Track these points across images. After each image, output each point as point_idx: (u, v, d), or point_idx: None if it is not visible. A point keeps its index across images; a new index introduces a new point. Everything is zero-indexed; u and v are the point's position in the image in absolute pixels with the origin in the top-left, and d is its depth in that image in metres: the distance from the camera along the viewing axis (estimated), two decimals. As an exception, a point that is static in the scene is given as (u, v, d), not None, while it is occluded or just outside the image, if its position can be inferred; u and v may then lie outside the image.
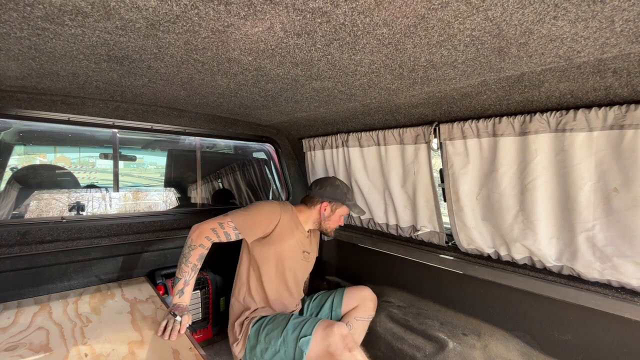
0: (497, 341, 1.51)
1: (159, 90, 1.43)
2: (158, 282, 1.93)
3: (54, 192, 2.36)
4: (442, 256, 1.75)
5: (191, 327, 1.58)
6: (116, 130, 2.12)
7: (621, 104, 1.07)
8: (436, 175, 1.70)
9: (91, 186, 2.76)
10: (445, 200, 1.68)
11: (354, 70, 1.09)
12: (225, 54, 0.98)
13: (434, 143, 1.62)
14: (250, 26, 0.81)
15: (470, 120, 1.44)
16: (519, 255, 1.47)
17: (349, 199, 1.86)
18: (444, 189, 1.67)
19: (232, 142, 3.09)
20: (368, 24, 0.78)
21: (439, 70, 1.06)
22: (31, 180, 2.26)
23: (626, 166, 1.11)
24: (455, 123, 1.49)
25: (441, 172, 1.65)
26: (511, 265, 1.52)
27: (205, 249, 1.50)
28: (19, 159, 2.44)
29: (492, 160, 1.44)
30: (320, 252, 2.14)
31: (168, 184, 3.12)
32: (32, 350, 1.15)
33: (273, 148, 2.58)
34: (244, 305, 1.71)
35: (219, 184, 3.15)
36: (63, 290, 1.68)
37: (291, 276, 1.77)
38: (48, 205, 2.27)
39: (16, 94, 1.47)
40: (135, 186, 4.90)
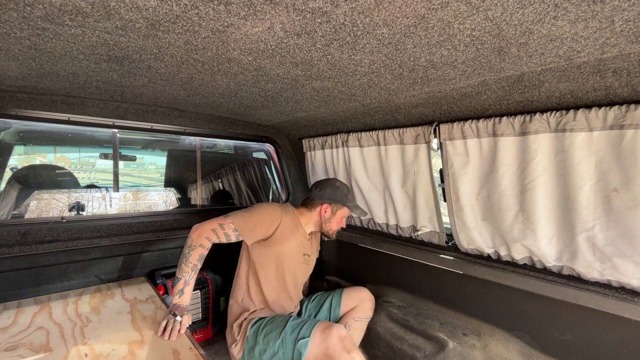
0: (497, 341, 1.51)
1: (159, 90, 1.43)
2: (158, 282, 1.93)
3: (54, 192, 2.36)
4: (442, 256, 1.75)
5: (191, 327, 1.58)
6: (116, 130, 2.12)
7: (621, 104, 1.07)
8: (436, 175, 1.70)
9: (91, 186, 2.76)
10: (445, 200, 1.68)
11: (354, 70, 1.09)
12: (225, 54, 0.98)
13: (434, 143, 1.62)
14: (250, 26, 0.81)
15: (470, 120, 1.44)
16: (519, 255, 1.47)
17: (349, 200, 1.85)
18: (444, 189, 1.67)
19: (232, 142, 3.09)
20: (368, 24, 0.78)
21: (439, 70, 1.06)
22: (31, 180, 2.26)
23: (626, 166, 1.11)
24: (455, 123, 1.49)
25: (441, 172, 1.65)
26: (511, 265, 1.52)
27: (205, 249, 1.50)
28: (19, 159, 2.44)
29: (492, 160, 1.44)
30: (321, 252, 2.14)
31: (168, 184, 3.12)
32: (32, 350, 1.15)
33: (273, 148, 2.58)
34: (242, 307, 1.71)
35: (219, 184, 3.14)
36: (63, 290, 1.68)
37: (291, 279, 1.77)
38: (48, 205, 2.27)
39: (16, 94, 1.47)
40: (135, 186, 4.90)
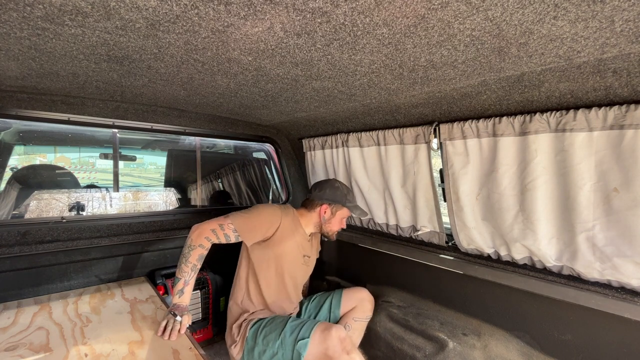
0: (497, 341, 1.51)
1: (159, 90, 1.43)
2: (158, 282, 1.93)
3: (54, 192, 2.35)
4: (442, 256, 1.75)
5: (191, 327, 1.58)
6: (116, 130, 2.12)
7: (621, 104, 1.07)
8: (436, 175, 1.70)
9: (91, 186, 2.75)
10: (445, 200, 1.68)
11: (354, 70, 1.09)
12: (225, 54, 0.98)
13: (434, 143, 1.62)
14: (250, 26, 0.81)
15: (470, 120, 1.44)
16: (519, 255, 1.47)
17: (349, 201, 1.83)
18: (444, 189, 1.67)
19: (232, 142, 3.09)
20: (368, 24, 0.78)
21: (439, 70, 1.06)
22: (31, 180, 2.26)
23: (626, 166, 1.11)
24: (455, 123, 1.49)
25: (441, 172, 1.65)
26: (511, 265, 1.52)
27: (205, 249, 1.50)
28: (19, 159, 2.44)
29: (492, 160, 1.44)
30: (321, 252, 2.14)
31: (168, 184, 3.12)
32: (32, 350, 1.15)
33: (273, 148, 2.58)
34: (242, 308, 1.71)
35: (219, 184, 3.14)
36: (63, 290, 1.68)
37: (290, 280, 1.76)
38: (48, 205, 2.27)
39: (16, 94, 1.47)
40: (135, 186, 4.90)
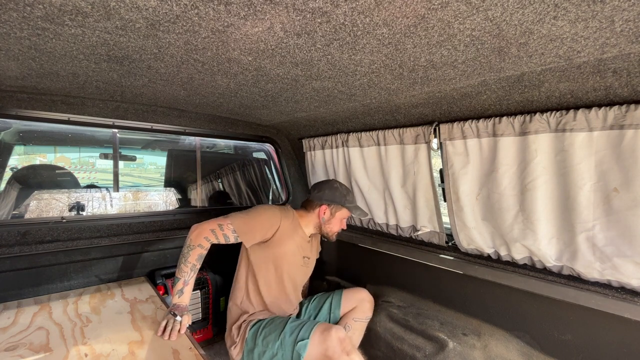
0: (497, 341, 1.51)
1: (159, 90, 1.43)
2: (158, 282, 1.93)
3: (54, 192, 2.35)
4: (442, 256, 1.75)
5: (191, 327, 1.58)
6: (116, 130, 2.12)
7: (621, 104, 1.07)
8: (436, 175, 1.70)
9: (91, 186, 2.75)
10: (445, 200, 1.68)
11: (354, 70, 1.09)
12: (225, 54, 0.98)
13: (434, 143, 1.62)
14: (250, 26, 0.81)
15: (470, 120, 1.44)
16: (519, 255, 1.47)
17: (348, 201, 1.82)
18: (444, 189, 1.67)
19: (232, 142, 3.09)
20: (368, 24, 0.78)
21: (439, 70, 1.06)
22: (31, 180, 2.26)
23: (626, 166, 1.11)
24: (455, 123, 1.49)
25: (441, 172, 1.65)
26: (511, 265, 1.52)
27: (204, 249, 1.49)
28: (19, 159, 2.44)
29: (492, 160, 1.44)
30: (321, 252, 2.14)
31: (168, 184, 3.12)
32: (32, 350, 1.15)
33: (273, 148, 2.58)
34: (241, 309, 1.71)
35: (219, 184, 3.14)
36: (63, 290, 1.68)
37: (290, 281, 1.76)
38: (48, 205, 2.27)
39: (16, 94, 1.47)
40: (135, 186, 4.90)
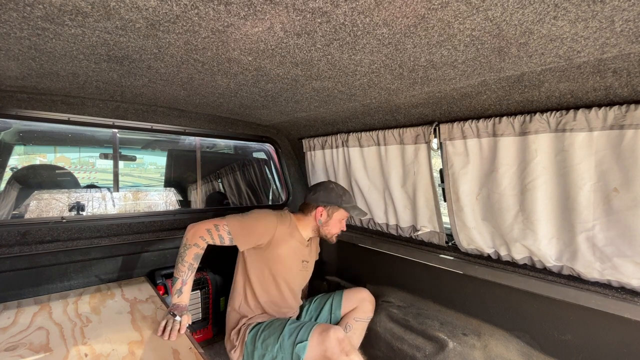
0: (497, 341, 1.51)
1: (159, 90, 1.43)
2: (158, 282, 1.93)
3: (54, 192, 2.35)
4: (442, 256, 1.75)
5: (191, 327, 1.58)
6: (116, 130, 2.12)
7: (621, 104, 1.07)
8: (436, 175, 1.70)
9: (91, 186, 2.75)
10: (445, 200, 1.68)
11: (354, 70, 1.09)
12: (225, 54, 0.98)
13: (434, 143, 1.62)
14: (250, 26, 0.81)
15: (470, 120, 1.44)
16: (519, 255, 1.47)
17: (345, 202, 1.77)
18: (444, 189, 1.67)
19: (232, 142, 3.09)
20: (368, 24, 0.78)
21: (439, 70, 1.06)
22: (31, 180, 2.26)
23: (626, 166, 1.11)
24: (455, 123, 1.49)
25: (441, 172, 1.65)
26: (511, 265, 1.52)
27: (200, 248, 1.49)
28: (19, 159, 2.44)
29: (492, 160, 1.44)
30: (321, 252, 2.13)
31: (168, 184, 3.12)
32: (32, 350, 1.15)
33: (273, 148, 2.58)
34: (240, 314, 1.70)
35: (219, 184, 3.14)
36: (63, 290, 1.68)
37: (288, 286, 1.75)
38: (48, 205, 2.27)
39: (16, 94, 1.47)
40: (135, 186, 4.90)
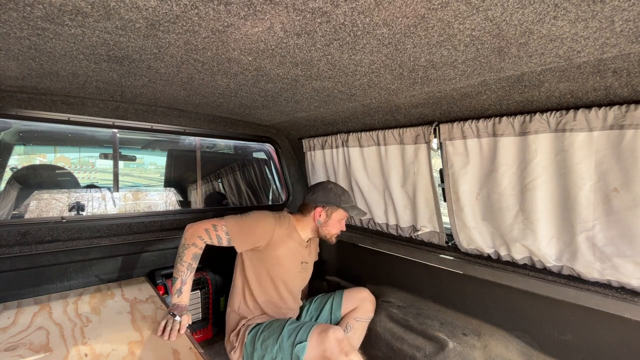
0: (497, 341, 1.51)
1: (159, 90, 1.43)
2: (158, 282, 1.93)
3: (54, 192, 2.35)
4: (442, 256, 1.75)
5: (191, 327, 1.58)
6: (116, 130, 2.12)
7: (621, 104, 1.07)
8: (436, 175, 1.70)
9: (91, 186, 2.75)
10: (445, 200, 1.68)
11: (354, 70, 1.09)
12: (225, 54, 0.98)
13: (434, 143, 1.62)
14: (250, 26, 0.81)
15: (470, 120, 1.44)
16: (519, 255, 1.47)
17: (344, 201, 1.75)
18: (444, 189, 1.67)
19: (232, 142, 3.09)
20: (368, 24, 0.78)
21: (439, 70, 1.06)
22: (31, 180, 2.26)
23: (626, 166, 1.11)
24: (455, 123, 1.49)
25: (441, 172, 1.65)
26: (511, 265, 1.52)
27: (199, 248, 1.49)
28: (19, 159, 2.44)
29: (492, 160, 1.44)
30: (321, 252, 2.13)
31: (168, 184, 3.12)
32: (32, 350, 1.15)
33: (273, 148, 2.58)
34: (239, 315, 1.70)
35: (219, 184, 3.14)
36: (63, 290, 1.68)
37: (288, 288, 1.75)
38: (48, 205, 2.26)
39: (16, 94, 1.47)
40: (135, 186, 4.90)
